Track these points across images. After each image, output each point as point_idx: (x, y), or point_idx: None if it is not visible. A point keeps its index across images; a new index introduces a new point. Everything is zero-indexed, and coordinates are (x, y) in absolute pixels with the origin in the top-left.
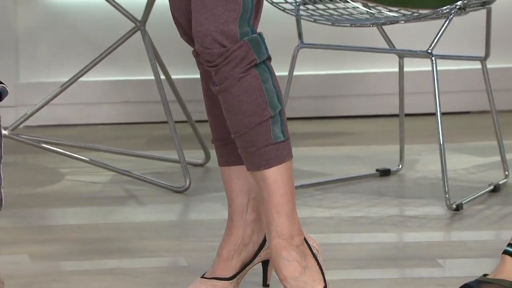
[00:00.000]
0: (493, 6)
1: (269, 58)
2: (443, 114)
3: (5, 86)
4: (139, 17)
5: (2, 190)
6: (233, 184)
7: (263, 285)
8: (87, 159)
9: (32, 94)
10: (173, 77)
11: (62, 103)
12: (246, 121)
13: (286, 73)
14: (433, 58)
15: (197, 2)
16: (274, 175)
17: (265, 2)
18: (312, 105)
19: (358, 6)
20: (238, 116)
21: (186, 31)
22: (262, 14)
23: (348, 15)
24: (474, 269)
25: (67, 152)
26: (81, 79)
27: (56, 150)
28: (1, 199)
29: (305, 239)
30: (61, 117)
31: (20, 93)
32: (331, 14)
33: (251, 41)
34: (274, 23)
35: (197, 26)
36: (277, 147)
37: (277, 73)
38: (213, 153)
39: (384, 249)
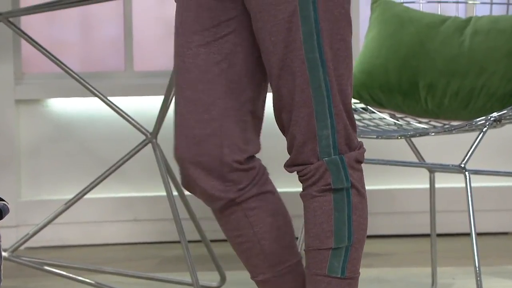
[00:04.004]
0: None
1: (359, 192)
2: (478, 234)
3: (6, 203)
4: (150, 129)
5: None
6: None
7: None
8: (92, 282)
9: (34, 213)
10: (186, 193)
11: (66, 222)
12: (308, 240)
13: None
14: (466, 173)
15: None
16: None
17: None
18: None
19: (385, 117)
20: (305, 230)
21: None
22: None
23: (374, 126)
24: None
25: (71, 275)
26: (87, 196)
27: (60, 273)
28: None
29: None
30: (65, 237)
31: (21, 212)
32: (357, 126)
33: (330, 163)
34: None
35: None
36: (329, 281)
37: (297, 188)
38: (228, 275)
39: None
